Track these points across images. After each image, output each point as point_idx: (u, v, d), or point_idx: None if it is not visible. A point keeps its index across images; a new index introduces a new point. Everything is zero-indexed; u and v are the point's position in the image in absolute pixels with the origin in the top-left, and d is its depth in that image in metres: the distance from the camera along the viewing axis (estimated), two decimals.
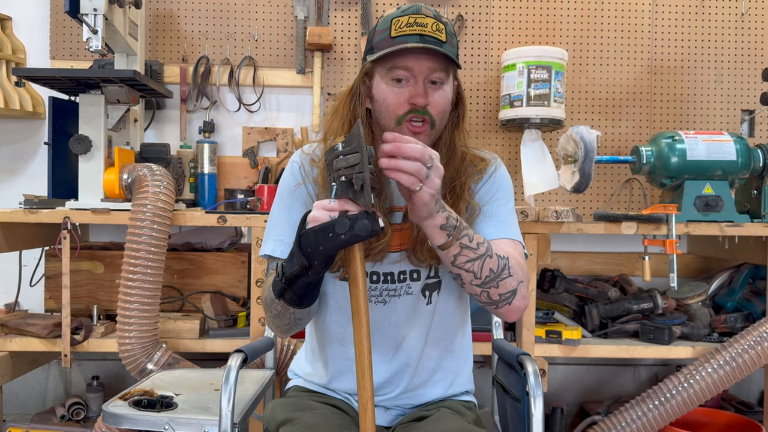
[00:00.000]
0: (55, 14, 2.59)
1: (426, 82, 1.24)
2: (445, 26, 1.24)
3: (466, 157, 1.35)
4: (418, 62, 1.22)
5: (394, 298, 1.34)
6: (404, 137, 1.09)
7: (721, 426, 2.34)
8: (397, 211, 1.32)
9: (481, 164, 1.36)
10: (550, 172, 2.44)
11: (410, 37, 1.21)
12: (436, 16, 1.25)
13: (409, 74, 1.23)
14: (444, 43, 1.23)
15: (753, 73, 2.71)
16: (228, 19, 2.64)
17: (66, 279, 2.06)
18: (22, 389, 2.68)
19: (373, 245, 1.26)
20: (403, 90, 1.24)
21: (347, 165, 1.05)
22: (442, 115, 1.27)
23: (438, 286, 1.35)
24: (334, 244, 1.05)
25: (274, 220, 1.37)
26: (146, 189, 2.04)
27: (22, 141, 2.65)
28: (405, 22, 1.23)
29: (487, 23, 2.67)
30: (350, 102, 1.31)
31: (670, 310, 2.33)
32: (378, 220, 1.04)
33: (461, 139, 1.34)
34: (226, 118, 2.67)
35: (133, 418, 1.52)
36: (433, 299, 1.35)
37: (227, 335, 2.21)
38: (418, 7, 1.26)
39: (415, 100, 1.23)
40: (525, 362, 1.36)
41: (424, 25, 1.22)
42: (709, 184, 2.21)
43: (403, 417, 1.38)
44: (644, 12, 2.70)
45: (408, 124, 1.24)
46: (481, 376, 1.60)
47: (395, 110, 1.25)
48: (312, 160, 1.35)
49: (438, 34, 1.22)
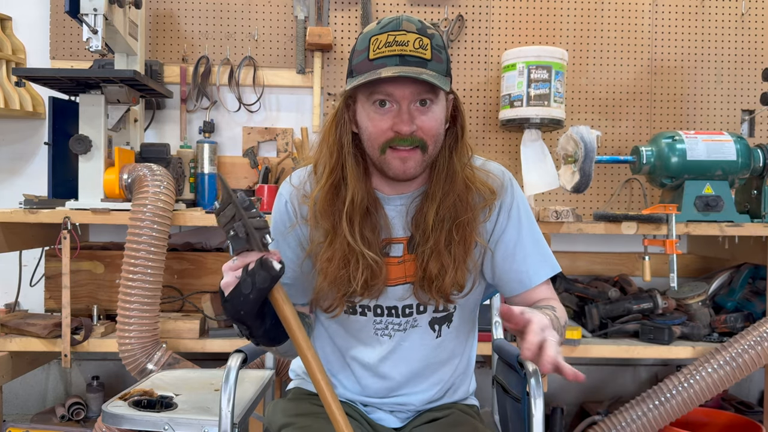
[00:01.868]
0: (55, 14, 2.59)
1: (412, 104, 1.13)
2: (430, 39, 1.13)
3: (472, 185, 1.22)
4: (398, 88, 1.12)
5: (399, 333, 1.29)
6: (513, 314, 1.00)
7: (721, 426, 2.34)
8: (396, 243, 1.25)
9: (490, 198, 1.24)
10: (550, 172, 2.44)
11: (389, 59, 1.10)
12: (420, 29, 1.13)
13: (392, 99, 1.13)
14: (429, 62, 1.12)
15: (753, 73, 2.71)
16: (228, 19, 2.64)
17: (66, 279, 2.06)
18: (22, 389, 2.68)
19: (369, 284, 1.20)
20: (385, 116, 1.14)
21: (227, 220, 1.03)
22: (435, 137, 1.17)
23: (448, 319, 1.30)
24: (248, 305, 1.03)
25: None
26: (146, 189, 2.04)
27: (22, 141, 2.65)
28: (384, 41, 1.12)
29: (487, 23, 2.67)
30: (335, 131, 1.21)
31: (670, 310, 2.33)
32: (272, 264, 1.01)
33: (462, 161, 1.22)
34: (226, 118, 2.67)
35: (133, 419, 1.52)
36: (443, 332, 1.31)
37: (227, 335, 2.21)
38: (399, 21, 1.13)
39: (399, 128, 1.13)
40: (525, 362, 1.36)
41: (405, 44, 1.11)
42: (709, 184, 2.20)
43: (414, 419, 1.37)
44: (644, 12, 2.70)
45: (393, 151, 1.15)
46: (481, 376, 1.59)
47: (377, 138, 1.15)
48: (303, 197, 1.26)
49: (421, 51, 1.11)
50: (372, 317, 1.29)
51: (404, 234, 1.25)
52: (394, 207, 1.25)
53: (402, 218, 1.25)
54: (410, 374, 1.32)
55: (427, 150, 1.16)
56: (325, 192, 1.21)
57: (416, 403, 1.35)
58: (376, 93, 1.13)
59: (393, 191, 1.25)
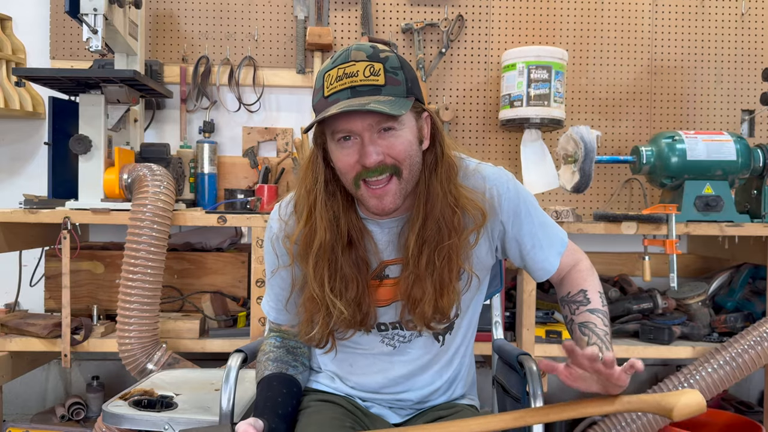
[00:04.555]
0: (55, 14, 2.59)
1: (375, 134, 1.11)
2: (383, 63, 1.09)
3: (457, 209, 1.18)
4: (352, 122, 1.10)
5: (404, 344, 1.32)
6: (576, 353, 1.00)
7: (721, 426, 2.34)
8: (392, 264, 1.26)
9: (480, 220, 1.21)
10: (550, 172, 2.44)
11: (341, 93, 1.09)
12: (372, 55, 1.10)
13: (352, 133, 1.11)
14: (383, 87, 1.09)
15: (753, 73, 2.71)
16: (228, 19, 2.64)
17: (66, 279, 2.06)
18: (22, 389, 2.68)
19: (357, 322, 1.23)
20: (350, 151, 1.12)
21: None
22: (408, 160, 1.13)
23: (450, 328, 1.33)
24: None
25: (267, 282, 1.37)
26: (146, 189, 2.04)
27: (22, 141, 2.65)
28: (335, 76, 1.10)
29: (487, 23, 2.67)
30: (311, 172, 1.21)
31: (670, 310, 2.33)
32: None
33: (444, 182, 1.18)
34: (226, 118, 2.67)
35: (134, 418, 1.52)
36: (446, 340, 1.34)
37: (227, 335, 2.21)
38: (348, 52, 1.11)
39: (363, 161, 1.11)
40: (525, 362, 1.36)
41: (355, 75, 1.08)
42: (709, 184, 2.20)
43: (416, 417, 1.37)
44: (644, 12, 2.70)
45: (366, 187, 1.14)
46: (481, 376, 1.59)
47: (348, 174, 1.14)
48: (284, 238, 1.26)
49: (373, 79, 1.08)
50: (377, 332, 1.31)
51: (399, 255, 1.25)
52: (386, 230, 1.26)
53: (395, 240, 1.25)
54: (410, 374, 1.34)
55: (401, 175, 1.14)
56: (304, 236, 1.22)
57: (414, 399, 1.36)
58: (336, 131, 1.12)
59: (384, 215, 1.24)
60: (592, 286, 1.27)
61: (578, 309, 1.23)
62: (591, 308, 1.22)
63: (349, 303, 1.20)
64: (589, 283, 1.27)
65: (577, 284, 1.28)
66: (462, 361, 1.40)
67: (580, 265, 1.32)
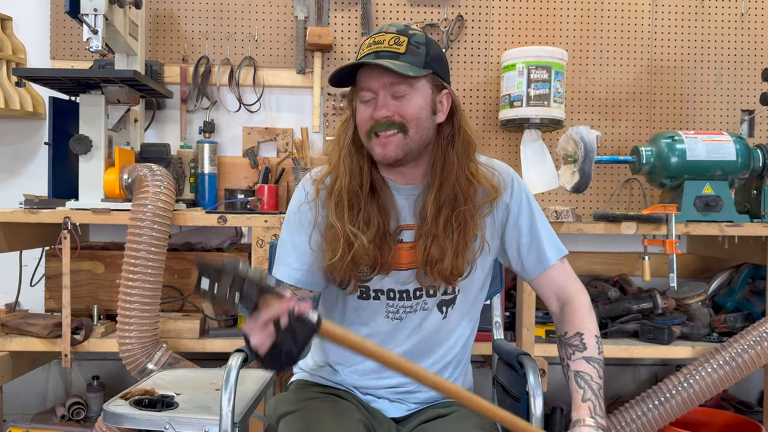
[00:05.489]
0: (55, 14, 2.59)
1: (388, 96, 1.25)
2: (409, 38, 1.24)
3: (473, 180, 1.30)
4: (369, 80, 1.25)
5: (410, 314, 1.35)
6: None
7: (720, 426, 2.34)
8: (406, 229, 1.33)
9: (493, 194, 1.32)
10: (550, 172, 2.44)
11: (367, 56, 1.25)
12: (401, 30, 1.25)
13: (372, 93, 1.26)
14: (402, 55, 1.23)
15: (753, 73, 2.71)
16: (228, 19, 2.64)
17: (66, 279, 2.07)
18: (22, 389, 2.68)
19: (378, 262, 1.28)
20: (367, 107, 1.27)
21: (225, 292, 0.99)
22: (416, 121, 1.25)
23: (453, 301, 1.37)
24: (293, 357, 1.04)
25: (280, 244, 1.38)
26: (146, 189, 2.04)
27: (22, 141, 2.65)
28: (367, 43, 1.27)
29: (487, 23, 2.67)
30: (344, 128, 1.35)
31: (669, 310, 2.33)
32: (308, 317, 1.01)
33: (462, 155, 1.30)
34: (226, 118, 2.67)
35: (134, 418, 1.52)
36: (449, 314, 1.37)
37: (227, 335, 2.21)
38: (384, 27, 1.28)
39: (374, 114, 1.25)
40: (525, 362, 1.36)
41: (381, 42, 1.24)
42: (708, 184, 2.21)
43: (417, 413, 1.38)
44: (644, 12, 2.70)
45: (376, 138, 1.26)
46: (481, 376, 1.60)
47: (362, 127, 1.28)
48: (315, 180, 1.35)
49: (395, 47, 1.23)
50: (385, 301, 1.34)
51: (414, 221, 1.32)
52: (405, 196, 1.34)
53: (412, 207, 1.33)
54: (410, 349, 1.35)
55: (407, 132, 1.25)
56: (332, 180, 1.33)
57: (413, 387, 1.37)
58: (359, 89, 1.27)
59: (404, 181, 1.33)
60: (589, 330, 1.29)
61: (574, 354, 1.27)
62: (587, 356, 1.26)
63: (370, 239, 1.27)
64: (586, 326, 1.30)
65: (574, 326, 1.30)
66: (460, 357, 1.41)
67: (579, 302, 1.33)
